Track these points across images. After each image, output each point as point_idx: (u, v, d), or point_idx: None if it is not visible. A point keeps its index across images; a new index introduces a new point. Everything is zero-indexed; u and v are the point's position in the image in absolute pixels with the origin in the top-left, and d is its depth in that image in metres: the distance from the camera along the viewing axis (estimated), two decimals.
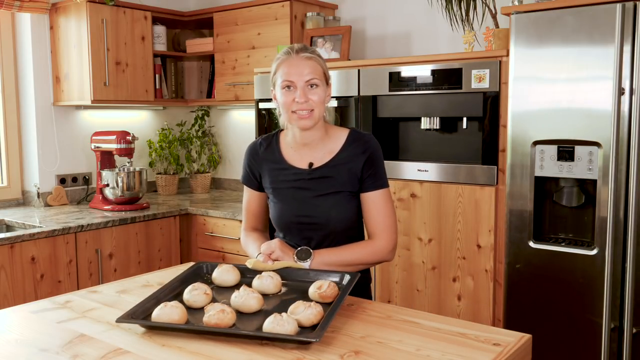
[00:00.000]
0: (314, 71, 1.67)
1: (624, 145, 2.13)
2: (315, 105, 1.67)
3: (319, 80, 1.67)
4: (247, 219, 1.91)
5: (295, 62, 1.66)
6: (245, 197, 1.91)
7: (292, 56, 1.67)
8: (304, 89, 1.65)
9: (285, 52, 1.70)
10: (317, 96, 1.67)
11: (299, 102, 1.65)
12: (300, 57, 1.67)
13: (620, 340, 2.20)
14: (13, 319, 1.51)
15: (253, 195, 1.88)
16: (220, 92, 3.75)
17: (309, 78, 1.65)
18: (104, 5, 3.37)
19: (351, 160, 1.74)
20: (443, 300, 2.70)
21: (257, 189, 1.87)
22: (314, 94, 1.66)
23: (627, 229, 2.15)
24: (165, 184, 4.02)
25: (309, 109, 1.66)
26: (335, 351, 1.27)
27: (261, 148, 1.84)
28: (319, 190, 1.74)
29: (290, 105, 1.67)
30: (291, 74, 1.66)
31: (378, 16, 3.48)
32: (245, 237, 1.88)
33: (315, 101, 1.66)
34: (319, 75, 1.68)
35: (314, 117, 1.68)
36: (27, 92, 3.52)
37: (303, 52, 1.68)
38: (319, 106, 1.68)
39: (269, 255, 1.67)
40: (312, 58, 1.68)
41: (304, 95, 1.65)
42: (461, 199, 2.61)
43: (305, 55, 1.67)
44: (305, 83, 1.66)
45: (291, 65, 1.66)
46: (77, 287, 2.96)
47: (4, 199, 3.52)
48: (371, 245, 1.73)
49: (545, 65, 2.26)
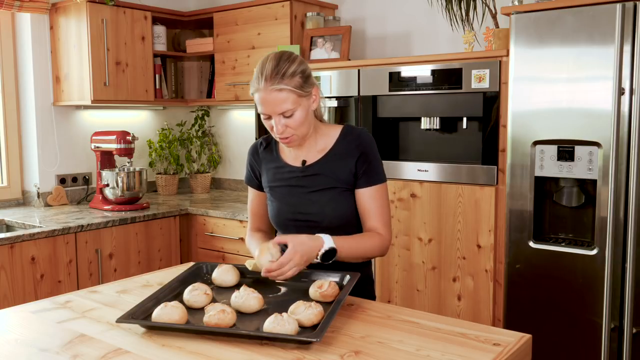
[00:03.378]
0: (285, 101, 1.62)
1: (624, 145, 2.13)
2: (295, 129, 1.67)
3: (292, 107, 1.63)
4: (251, 220, 1.93)
5: (266, 96, 1.62)
6: (249, 197, 1.93)
7: (261, 87, 1.62)
8: (279, 120, 1.65)
9: (256, 79, 1.64)
10: (294, 121, 1.65)
11: (278, 132, 1.67)
12: (269, 90, 1.61)
13: (620, 340, 2.20)
14: (13, 319, 1.51)
15: (256, 196, 1.91)
16: (220, 92, 3.75)
17: (281, 111, 1.63)
18: (104, 5, 3.37)
19: (344, 155, 1.74)
20: (443, 300, 2.70)
21: (258, 189, 1.89)
22: (291, 120, 1.65)
23: (627, 229, 2.15)
24: (165, 184, 4.02)
25: (289, 135, 1.68)
26: (335, 351, 1.27)
27: (261, 148, 1.87)
28: (312, 187, 1.75)
29: (272, 131, 1.70)
30: (265, 107, 1.64)
31: (378, 16, 3.48)
32: (250, 238, 1.89)
33: (293, 126, 1.66)
34: (292, 102, 1.63)
35: (298, 138, 1.70)
36: (27, 92, 3.52)
37: (272, 82, 1.61)
38: (299, 128, 1.67)
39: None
40: (283, 89, 1.61)
41: (280, 125, 1.65)
42: (461, 199, 2.61)
43: (273, 88, 1.61)
44: (280, 115, 1.64)
45: (263, 99, 1.63)
46: (77, 287, 2.96)
47: (4, 199, 3.52)
48: (379, 239, 1.72)
49: (545, 65, 2.26)
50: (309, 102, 1.68)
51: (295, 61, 1.65)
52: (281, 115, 1.64)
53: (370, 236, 1.71)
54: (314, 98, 1.71)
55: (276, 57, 1.64)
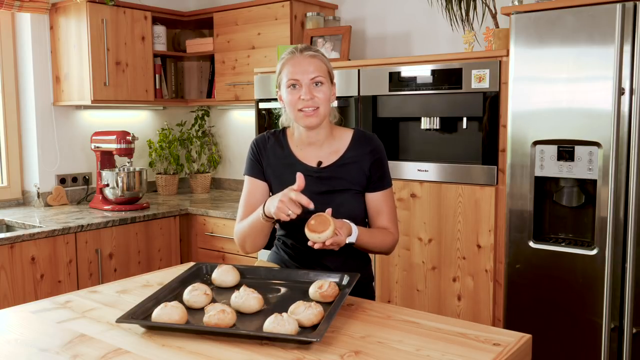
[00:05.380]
0: (318, 69, 1.70)
1: (624, 145, 2.13)
2: (321, 102, 1.69)
3: (323, 77, 1.70)
4: (244, 212, 1.82)
5: (300, 61, 1.69)
6: (246, 188, 1.85)
7: (296, 55, 1.71)
8: (309, 87, 1.68)
9: (289, 52, 1.73)
10: (322, 94, 1.69)
11: (305, 100, 1.67)
12: (304, 56, 1.70)
13: (620, 340, 2.20)
14: (13, 319, 1.51)
15: (256, 185, 1.83)
16: (220, 92, 3.75)
17: (313, 76, 1.68)
18: (104, 5, 3.37)
19: (358, 159, 1.78)
20: (443, 300, 2.70)
21: (261, 178, 1.83)
22: (319, 91, 1.69)
23: (627, 229, 2.15)
24: (165, 184, 4.02)
25: (315, 106, 1.69)
26: (335, 351, 1.27)
27: (269, 141, 1.84)
28: (327, 188, 1.76)
29: (296, 103, 1.69)
30: (296, 72, 1.68)
31: (378, 16, 3.48)
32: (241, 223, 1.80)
33: (320, 98, 1.69)
34: (324, 73, 1.71)
35: (320, 115, 1.71)
36: (27, 92, 3.52)
37: (307, 51, 1.71)
38: (324, 103, 1.70)
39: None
40: (316, 56, 1.71)
41: (309, 92, 1.68)
42: (461, 199, 2.61)
43: (309, 54, 1.70)
44: (311, 81, 1.68)
45: (296, 64, 1.69)
46: (77, 287, 2.96)
47: (4, 199, 3.52)
48: (392, 236, 1.81)
49: (545, 65, 2.26)
50: (332, 90, 1.76)
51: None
52: (311, 83, 1.68)
53: (385, 232, 1.80)
54: (334, 92, 1.77)
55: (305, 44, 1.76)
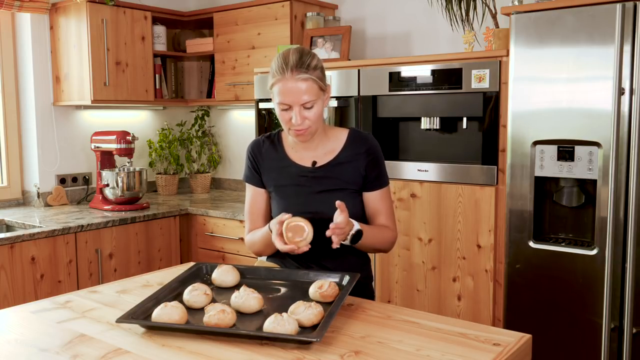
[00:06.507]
0: (309, 92, 1.65)
1: (624, 145, 2.13)
2: (312, 122, 1.70)
3: (314, 99, 1.67)
4: (251, 220, 1.88)
5: (290, 87, 1.64)
6: (248, 196, 1.89)
7: (286, 77, 1.64)
8: (300, 111, 1.66)
9: (279, 69, 1.66)
10: (313, 114, 1.69)
11: (296, 124, 1.68)
12: (295, 80, 1.64)
13: (620, 340, 2.20)
14: (13, 319, 1.51)
15: (257, 193, 1.87)
16: (220, 92, 3.75)
17: (304, 102, 1.66)
18: (104, 5, 3.37)
19: (354, 158, 1.78)
20: (443, 300, 2.70)
21: (259, 186, 1.87)
22: (310, 112, 1.68)
23: (627, 229, 2.15)
24: (165, 184, 4.02)
25: (306, 127, 1.70)
26: (335, 351, 1.27)
27: (264, 145, 1.86)
28: (322, 188, 1.77)
29: (287, 124, 1.71)
30: (287, 97, 1.65)
31: (378, 16, 3.48)
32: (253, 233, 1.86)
33: (311, 119, 1.69)
34: (315, 94, 1.67)
35: (311, 132, 1.72)
36: (27, 92, 3.52)
37: (298, 71, 1.64)
38: (315, 122, 1.71)
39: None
40: (308, 79, 1.65)
41: (299, 116, 1.66)
42: (461, 199, 2.61)
43: (300, 77, 1.64)
44: (301, 106, 1.66)
45: (286, 89, 1.65)
46: (77, 287, 2.96)
47: (4, 199, 3.52)
48: (392, 234, 1.82)
49: (545, 65, 2.26)
50: (324, 97, 1.74)
51: (315, 56, 1.71)
52: (302, 107, 1.66)
53: (385, 230, 1.81)
54: (327, 95, 1.76)
55: (298, 51, 1.69)
